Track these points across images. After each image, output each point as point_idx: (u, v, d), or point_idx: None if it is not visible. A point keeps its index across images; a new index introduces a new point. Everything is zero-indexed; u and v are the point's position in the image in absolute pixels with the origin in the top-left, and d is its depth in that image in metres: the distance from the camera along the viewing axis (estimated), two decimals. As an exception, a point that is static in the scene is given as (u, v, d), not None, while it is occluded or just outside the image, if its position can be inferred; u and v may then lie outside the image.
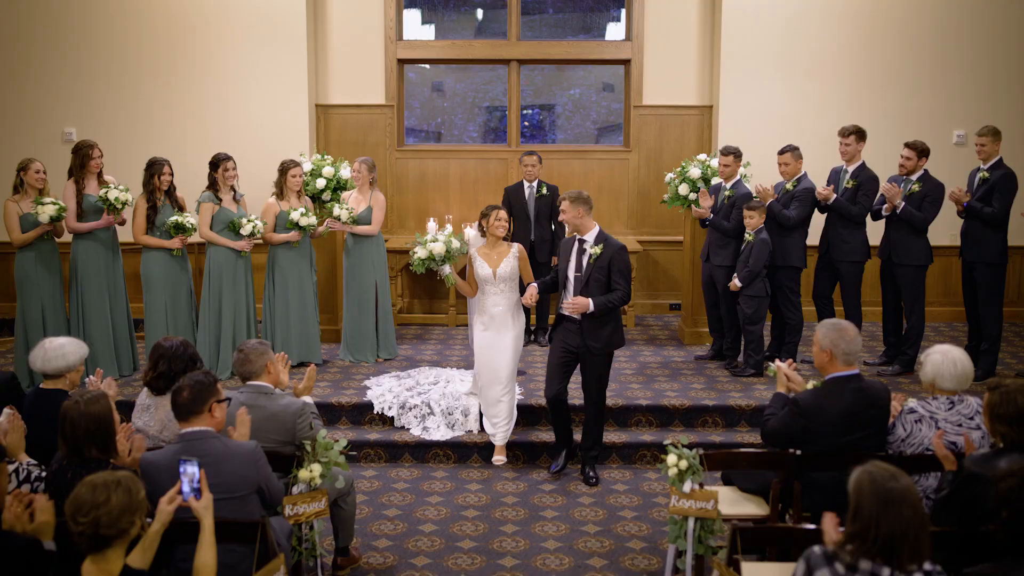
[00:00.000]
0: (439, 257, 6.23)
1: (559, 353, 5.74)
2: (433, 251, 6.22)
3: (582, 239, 5.67)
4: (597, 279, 5.57)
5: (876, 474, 2.71)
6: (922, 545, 2.66)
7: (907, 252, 7.00)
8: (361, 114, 9.31)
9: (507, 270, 6.05)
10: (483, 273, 6.06)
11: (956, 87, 8.86)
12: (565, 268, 5.73)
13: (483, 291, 6.13)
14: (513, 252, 6.10)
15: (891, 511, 2.64)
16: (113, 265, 7.03)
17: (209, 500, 3.27)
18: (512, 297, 6.11)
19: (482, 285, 6.11)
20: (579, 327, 5.63)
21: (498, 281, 6.05)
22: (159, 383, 4.27)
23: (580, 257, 5.64)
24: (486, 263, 6.07)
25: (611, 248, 5.59)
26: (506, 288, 6.08)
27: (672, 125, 9.28)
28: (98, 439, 3.52)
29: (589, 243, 5.63)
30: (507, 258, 6.06)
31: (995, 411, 3.58)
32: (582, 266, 5.63)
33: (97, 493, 2.74)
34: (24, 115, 8.91)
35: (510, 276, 6.07)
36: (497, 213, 6.07)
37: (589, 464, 5.89)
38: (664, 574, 4.66)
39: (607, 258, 5.56)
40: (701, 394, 6.68)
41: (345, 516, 4.70)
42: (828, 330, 4.31)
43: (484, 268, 6.05)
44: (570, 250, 5.73)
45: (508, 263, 6.06)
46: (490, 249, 6.11)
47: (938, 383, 4.24)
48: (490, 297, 6.10)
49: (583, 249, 5.64)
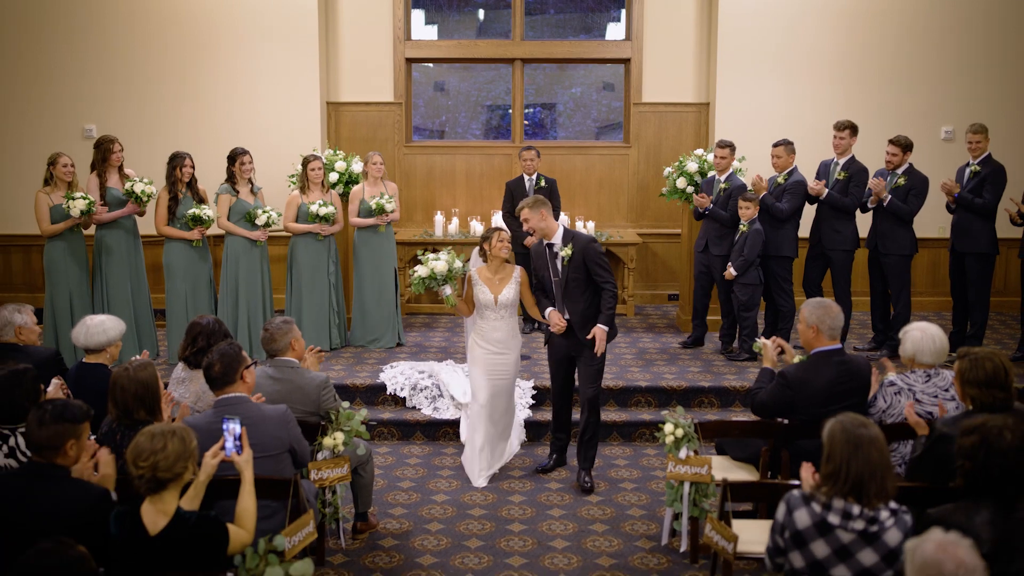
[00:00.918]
0: (440, 276, 5.95)
1: (556, 353, 5.76)
2: (435, 269, 5.94)
3: (550, 243, 5.59)
4: (575, 279, 5.51)
5: (846, 422, 3.05)
6: (888, 484, 3.00)
7: (893, 242, 7.34)
8: (370, 111, 9.65)
9: (509, 296, 5.80)
10: (484, 299, 5.81)
11: (943, 85, 9.19)
12: (547, 276, 5.67)
13: (482, 316, 5.88)
14: (515, 277, 5.84)
15: (860, 453, 2.98)
16: (135, 254, 7.37)
17: (249, 455, 3.60)
18: (512, 322, 5.90)
19: (481, 310, 5.87)
20: (570, 329, 5.58)
21: (499, 307, 5.80)
22: (197, 358, 4.60)
23: (553, 262, 5.59)
24: (487, 288, 5.81)
25: (580, 244, 5.51)
26: (506, 314, 5.85)
27: (670, 122, 9.62)
28: (146, 402, 3.86)
29: (558, 245, 5.55)
30: (509, 284, 5.81)
31: (965, 376, 3.90)
32: (557, 271, 5.59)
33: (155, 441, 3.08)
34: (46, 113, 9.25)
35: (512, 303, 5.84)
36: (499, 235, 5.82)
37: (586, 470, 5.76)
38: (662, 537, 5.00)
39: (579, 257, 5.49)
40: (697, 376, 7.02)
41: (364, 483, 5.04)
42: (814, 308, 4.63)
43: (485, 293, 5.80)
44: (543, 256, 5.66)
45: (510, 289, 5.80)
46: (492, 273, 5.85)
47: (918, 358, 4.57)
48: (490, 322, 5.85)
49: (554, 253, 5.57)
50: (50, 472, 3.23)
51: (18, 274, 9.56)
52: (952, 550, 2.40)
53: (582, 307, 5.54)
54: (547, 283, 5.69)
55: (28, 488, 3.18)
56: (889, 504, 3.02)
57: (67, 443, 3.24)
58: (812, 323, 4.60)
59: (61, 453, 3.24)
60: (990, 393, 3.86)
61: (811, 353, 4.62)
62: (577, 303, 5.55)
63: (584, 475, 5.73)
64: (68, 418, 3.26)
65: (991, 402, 3.85)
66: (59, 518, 2.61)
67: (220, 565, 3.14)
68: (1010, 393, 3.89)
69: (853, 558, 3.00)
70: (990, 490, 3.05)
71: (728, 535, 3.86)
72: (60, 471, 3.23)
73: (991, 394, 3.86)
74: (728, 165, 7.62)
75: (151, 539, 3.03)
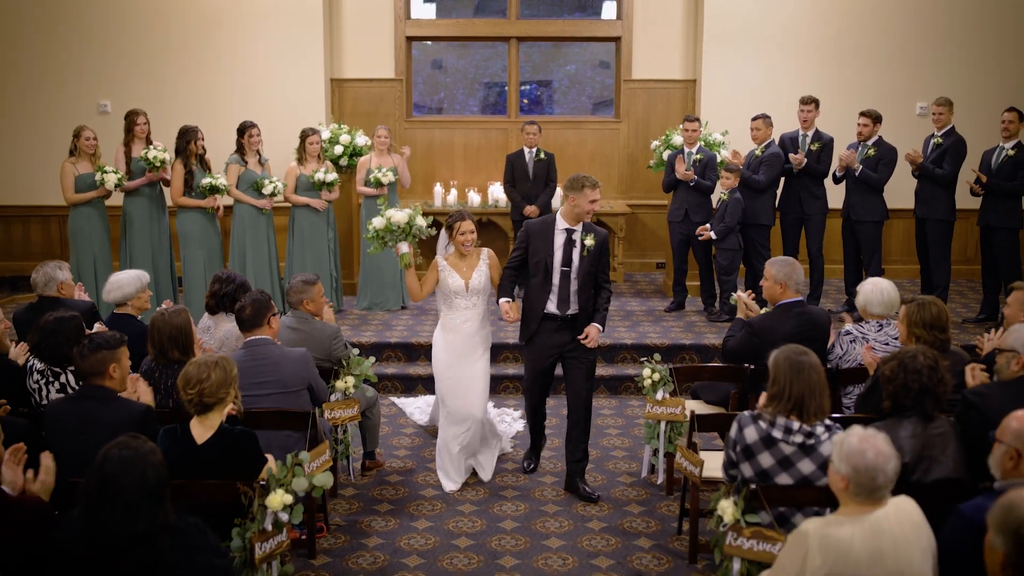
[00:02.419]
0: (398, 229, 5.22)
1: (543, 357, 5.28)
2: (391, 220, 5.21)
3: (571, 229, 5.13)
4: (589, 272, 5.14)
5: (789, 350, 3.57)
6: (824, 403, 3.51)
7: (865, 209, 7.84)
8: (372, 87, 10.09)
9: (480, 281, 5.33)
10: (454, 284, 5.28)
11: (919, 63, 9.66)
12: (548, 259, 5.13)
13: (451, 305, 5.35)
14: (484, 259, 5.37)
15: (801, 376, 3.49)
16: (159, 221, 7.86)
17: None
18: (482, 309, 5.40)
19: (450, 298, 5.33)
20: (568, 324, 5.19)
21: (470, 294, 5.31)
22: (220, 303, 5.13)
23: (569, 249, 5.12)
24: (456, 274, 5.30)
25: (600, 238, 5.17)
26: (479, 301, 5.36)
27: (659, 98, 10.08)
28: (179, 343, 4.37)
29: (578, 233, 5.12)
30: (479, 267, 5.34)
31: (912, 318, 4.39)
32: (571, 260, 5.12)
33: (201, 371, 3.59)
34: (63, 89, 9.68)
35: (483, 288, 5.36)
36: (461, 226, 5.27)
37: (580, 476, 5.31)
38: (642, 471, 5.54)
39: (598, 250, 5.15)
40: (680, 335, 7.53)
41: (371, 425, 5.56)
42: (781, 266, 5.14)
43: (455, 279, 5.28)
44: (551, 239, 5.14)
45: (480, 272, 5.34)
46: (459, 259, 5.36)
47: (868, 308, 5.08)
48: (460, 312, 5.33)
49: (572, 240, 5.12)
50: (99, 393, 3.77)
51: (37, 243, 10.03)
52: (872, 441, 2.90)
53: (582, 302, 5.20)
54: (543, 269, 5.14)
55: (84, 408, 3.72)
56: (824, 421, 3.53)
57: (109, 367, 3.77)
58: (780, 279, 5.10)
59: (106, 376, 3.78)
60: (932, 334, 4.35)
61: (776, 305, 5.12)
62: (588, 300, 5.21)
63: (582, 484, 5.27)
64: (105, 346, 3.78)
65: (933, 342, 4.34)
66: (112, 430, 3.09)
67: (255, 476, 3.65)
68: (948, 336, 4.40)
69: (794, 467, 3.52)
70: (911, 406, 3.57)
71: (695, 460, 4.38)
72: (107, 392, 3.77)
73: (934, 335, 4.35)
74: (697, 138, 8.11)
75: (198, 447, 3.55)
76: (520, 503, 5.19)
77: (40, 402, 4.29)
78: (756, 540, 3.56)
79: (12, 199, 9.85)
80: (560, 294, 5.15)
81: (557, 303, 5.17)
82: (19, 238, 10.04)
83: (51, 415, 3.79)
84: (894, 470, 2.89)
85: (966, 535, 2.82)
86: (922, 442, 3.52)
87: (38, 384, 4.33)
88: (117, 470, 2.77)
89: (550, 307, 5.17)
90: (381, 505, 5.19)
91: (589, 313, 5.22)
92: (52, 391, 4.30)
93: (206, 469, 3.55)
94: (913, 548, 2.87)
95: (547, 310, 5.17)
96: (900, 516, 2.91)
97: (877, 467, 2.86)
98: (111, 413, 3.64)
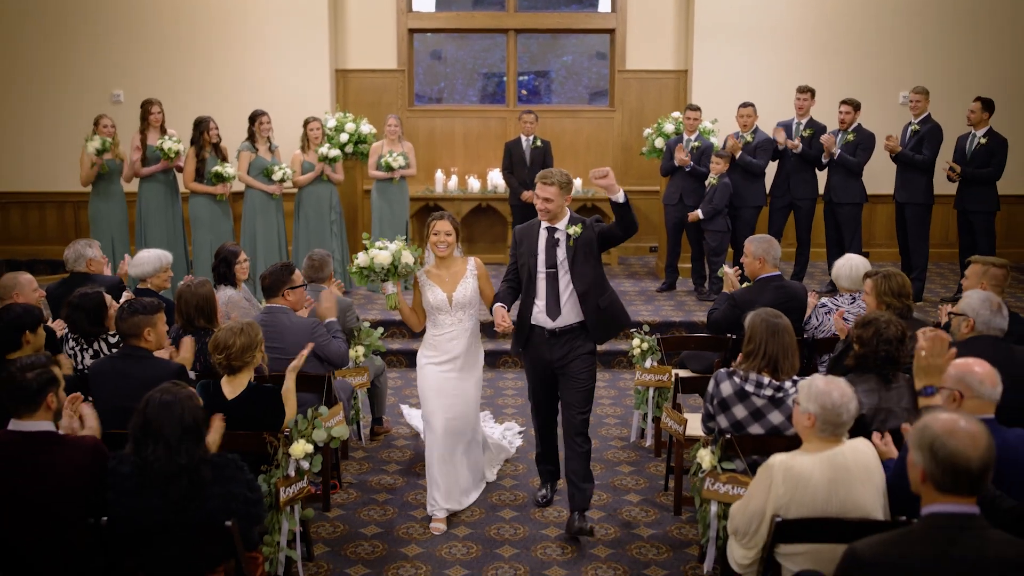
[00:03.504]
0: (380, 269, 4.68)
1: (537, 367, 4.70)
2: (375, 260, 4.66)
3: (552, 227, 4.56)
4: (586, 256, 4.51)
5: (764, 313, 3.96)
6: (794, 362, 3.90)
7: (845, 192, 8.23)
8: (375, 78, 10.46)
9: (466, 294, 4.71)
10: (436, 299, 4.70)
11: (903, 54, 10.03)
12: (531, 262, 4.57)
13: (435, 322, 4.75)
14: (471, 269, 4.77)
15: (776, 337, 3.88)
16: (172, 207, 8.23)
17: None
18: (471, 326, 4.78)
19: (433, 314, 4.75)
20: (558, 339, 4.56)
21: (455, 309, 4.70)
22: (216, 278, 5.63)
23: (552, 249, 4.53)
24: (438, 287, 4.71)
25: (588, 222, 4.61)
26: (465, 316, 4.74)
27: (651, 87, 10.45)
28: (204, 312, 4.76)
29: (561, 229, 4.55)
30: (464, 278, 4.73)
31: (880, 288, 4.78)
32: (555, 259, 4.52)
33: (228, 337, 3.99)
34: (76, 80, 10.04)
35: (469, 301, 4.74)
36: (435, 225, 4.72)
37: (577, 504, 4.61)
38: (632, 435, 5.94)
39: (589, 233, 4.55)
40: (671, 313, 7.92)
41: (380, 392, 5.95)
42: (759, 243, 5.54)
43: (436, 293, 4.69)
44: (534, 240, 4.59)
45: (467, 284, 4.72)
46: (441, 268, 4.76)
47: (839, 282, 5.48)
48: (445, 329, 4.74)
49: (555, 239, 4.54)
50: (135, 353, 4.17)
51: (52, 228, 10.40)
52: (835, 383, 3.29)
53: (588, 309, 4.53)
54: (528, 272, 4.59)
55: (122, 366, 4.11)
56: (793, 377, 3.92)
57: (144, 330, 4.16)
58: (759, 255, 5.50)
59: (142, 339, 4.17)
60: (900, 300, 4.75)
61: (756, 279, 5.51)
62: (594, 305, 4.57)
63: (578, 516, 4.58)
64: (142, 311, 4.18)
65: (901, 308, 4.74)
66: (149, 385, 3.46)
67: (278, 428, 4.03)
68: (911, 302, 4.81)
69: (765, 418, 3.91)
70: (874, 368, 3.95)
71: (679, 419, 4.77)
72: (144, 352, 4.16)
73: (901, 301, 4.75)
74: (696, 126, 8.49)
75: (228, 402, 3.94)
76: (518, 463, 5.58)
77: (75, 367, 4.67)
78: (731, 485, 3.95)
79: (28, 185, 10.23)
80: (547, 302, 4.52)
81: (545, 311, 4.54)
82: (35, 223, 10.41)
83: (95, 372, 4.18)
84: (856, 409, 3.29)
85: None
86: (880, 396, 3.90)
87: (73, 351, 4.71)
88: (159, 412, 3.16)
89: (538, 317, 4.57)
90: (389, 466, 5.58)
91: (595, 324, 4.56)
92: (87, 357, 4.68)
93: (235, 422, 3.93)
94: (866, 484, 3.26)
95: (535, 320, 4.58)
96: (856, 455, 3.30)
97: (842, 405, 3.25)
98: (147, 370, 4.01)
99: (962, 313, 4.19)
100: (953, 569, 2.36)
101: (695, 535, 4.60)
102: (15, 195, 10.29)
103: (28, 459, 3.15)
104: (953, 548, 2.37)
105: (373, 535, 4.72)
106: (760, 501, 3.29)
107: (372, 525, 4.83)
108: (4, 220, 10.39)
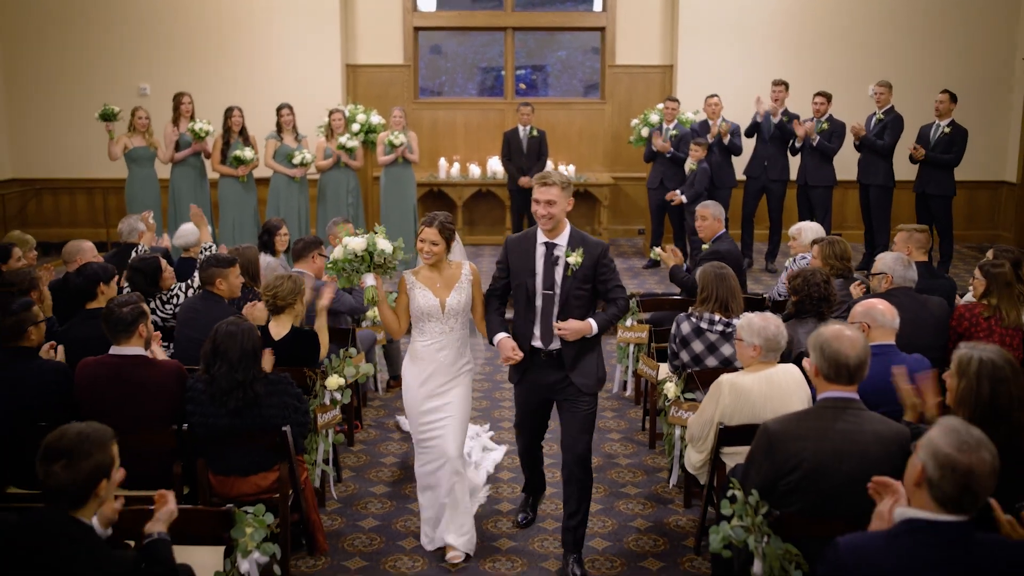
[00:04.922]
0: (355, 257, 4.32)
1: (532, 397, 4.36)
2: (348, 248, 4.31)
3: (550, 243, 4.12)
4: (578, 296, 4.09)
5: (711, 266, 4.81)
6: (741, 303, 4.73)
7: (818, 176, 9.07)
8: (383, 72, 11.27)
9: (460, 300, 4.29)
10: (426, 304, 4.25)
11: (875, 50, 10.85)
12: (528, 282, 4.15)
13: (422, 330, 4.31)
14: (466, 275, 4.33)
15: (724, 282, 4.72)
16: (201, 189, 9.05)
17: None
18: (462, 336, 4.36)
19: (421, 321, 4.30)
20: (557, 359, 4.18)
21: (447, 316, 4.27)
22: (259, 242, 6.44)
23: (551, 268, 4.11)
24: (429, 291, 4.28)
25: (593, 251, 4.11)
26: (456, 325, 4.31)
27: (639, 81, 11.26)
28: (249, 272, 5.57)
29: (561, 247, 4.10)
30: (459, 285, 4.30)
31: (825, 252, 5.58)
32: (554, 281, 4.11)
33: (277, 280, 4.80)
34: (106, 74, 10.83)
35: (463, 310, 4.32)
36: (423, 231, 4.24)
37: (571, 547, 4.25)
38: (614, 387, 6.75)
39: (591, 266, 4.10)
40: (654, 286, 8.74)
41: (395, 350, 6.76)
42: (714, 207, 6.42)
43: (428, 298, 4.26)
44: (530, 256, 4.16)
45: (461, 291, 4.29)
46: (433, 271, 4.31)
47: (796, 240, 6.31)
48: (434, 338, 4.29)
49: (553, 258, 4.11)
50: (210, 296, 5.05)
51: (82, 212, 11.21)
52: (768, 317, 4.10)
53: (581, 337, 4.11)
54: (524, 292, 4.18)
55: (201, 306, 5.00)
56: (740, 316, 4.74)
57: (216, 280, 5.00)
58: (717, 216, 6.38)
59: (215, 286, 5.02)
60: (843, 263, 5.56)
61: (712, 239, 6.35)
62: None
63: (573, 562, 4.21)
64: (215, 264, 5.04)
65: (843, 269, 5.55)
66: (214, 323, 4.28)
67: (316, 364, 4.85)
68: (851, 265, 5.63)
69: (718, 351, 4.73)
70: (811, 310, 4.77)
71: (653, 365, 5.58)
72: (216, 297, 5.03)
73: (843, 263, 5.56)
74: (675, 116, 9.33)
75: (275, 342, 4.74)
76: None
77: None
78: (692, 411, 4.74)
79: (60, 172, 11.04)
80: (544, 324, 4.14)
81: (541, 334, 4.17)
82: (66, 208, 11.22)
83: (183, 308, 5.13)
84: (788, 336, 4.11)
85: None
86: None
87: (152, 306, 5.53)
88: (225, 338, 3.98)
89: (535, 340, 4.19)
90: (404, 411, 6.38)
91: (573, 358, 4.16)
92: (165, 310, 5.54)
93: (280, 360, 4.73)
94: (793, 396, 4.06)
95: (533, 343, 4.19)
96: (787, 376, 4.11)
97: (779, 334, 4.07)
98: (216, 311, 4.82)
99: (881, 272, 5.00)
100: (837, 436, 3.17)
101: (665, 464, 5.40)
102: (48, 181, 11.09)
103: (126, 376, 3.97)
104: (837, 422, 3.19)
105: (391, 464, 5.54)
106: (710, 412, 4.11)
107: (390, 456, 5.65)
108: (37, 205, 11.19)
